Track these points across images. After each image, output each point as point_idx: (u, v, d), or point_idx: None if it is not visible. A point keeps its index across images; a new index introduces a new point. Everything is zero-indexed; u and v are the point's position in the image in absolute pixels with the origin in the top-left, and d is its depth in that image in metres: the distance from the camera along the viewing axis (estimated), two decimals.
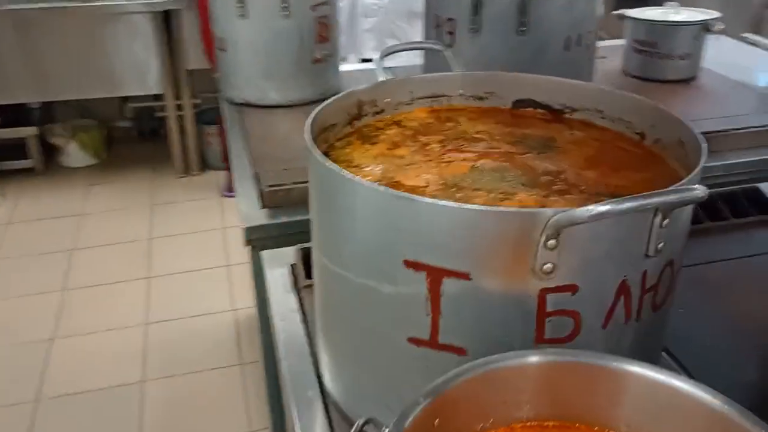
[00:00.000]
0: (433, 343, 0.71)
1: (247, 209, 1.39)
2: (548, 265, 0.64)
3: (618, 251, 0.67)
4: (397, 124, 0.98)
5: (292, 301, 1.10)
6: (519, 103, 1.02)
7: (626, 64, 2.07)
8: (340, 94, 0.92)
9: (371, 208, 0.69)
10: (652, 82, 2.02)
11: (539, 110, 1.01)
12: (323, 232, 0.80)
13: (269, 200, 1.38)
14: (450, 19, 1.67)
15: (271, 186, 1.39)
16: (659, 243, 0.67)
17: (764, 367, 0.96)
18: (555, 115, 1.00)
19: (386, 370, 0.77)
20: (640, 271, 0.69)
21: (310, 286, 1.11)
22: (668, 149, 0.87)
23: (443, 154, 0.88)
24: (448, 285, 0.67)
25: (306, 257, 1.16)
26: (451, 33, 1.68)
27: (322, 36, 1.85)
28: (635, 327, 0.73)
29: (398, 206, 0.67)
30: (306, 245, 1.19)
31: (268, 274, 1.18)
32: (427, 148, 0.91)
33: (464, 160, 0.87)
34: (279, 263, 1.21)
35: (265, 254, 1.23)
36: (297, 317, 1.06)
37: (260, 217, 1.36)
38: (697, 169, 0.70)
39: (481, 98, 1.03)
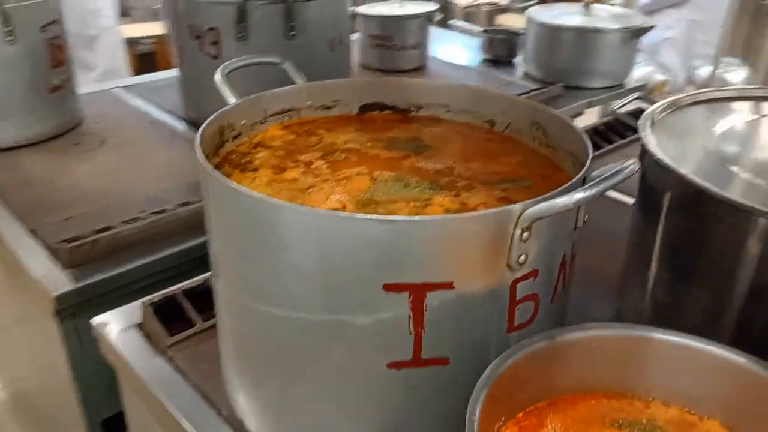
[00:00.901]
0: (415, 361, 0.69)
1: (44, 274, 1.17)
2: (522, 257, 0.67)
3: (562, 230, 0.73)
4: (262, 145, 0.92)
5: (161, 365, 0.97)
6: (366, 108, 1.03)
7: (363, 58, 2.19)
8: (210, 118, 0.82)
9: (336, 238, 0.65)
10: (390, 72, 2.18)
11: (386, 112, 1.03)
12: (255, 275, 0.72)
13: (72, 259, 1.18)
14: (212, 29, 1.59)
15: (69, 241, 1.19)
16: (585, 215, 0.75)
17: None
18: (403, 115, 1.03)
19: (359, 403, 0.73)
20: (570, 244, 0.76)
21: (178, 342, 0.99)
22: (523, 132, 0.96)
23: (335, 171, 0.85)
24: (432, 298, 0.66)
25: (158, 311, 1.03)
26: (215, 43, 1.60)
27: (57, 60, 1.61)
28: (562, 297, 0.80)
29: (374, 231, 0.63)
30: (151, 298, 1.05)
31: (114, 343, 1.01)
32: (314, 167, 0.87)
33: (359, 174, 0.85)
34: (119, 326, 1.04)
35: (97, 320, 1.06)
36: (181, 381, 0.93)
37: (66, 280, 1.16)
38: (590, 151, 0.78)
39: (328, 107, 1.02)
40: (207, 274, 1.06)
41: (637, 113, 1.55)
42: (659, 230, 0.91)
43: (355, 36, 2.17)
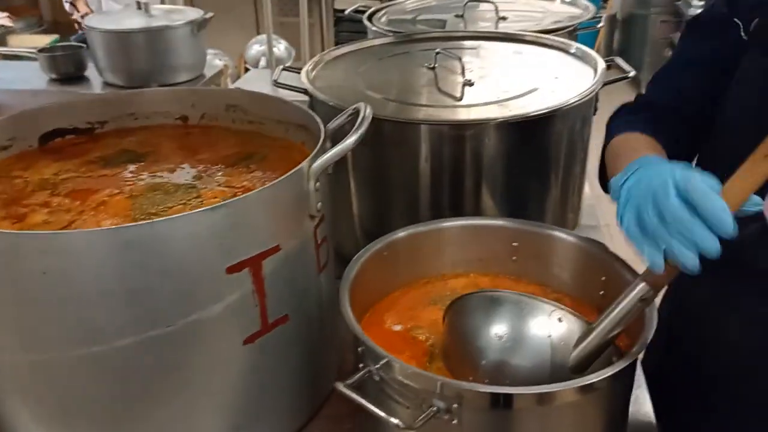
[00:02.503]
0: (264, 328, 0.75)
1: None
2: (319, 204, 0.78)
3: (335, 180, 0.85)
4: None
5: None
6: (47, 137, 0.96)
7: None
8: None
9: (170, 243, 0.65)
10: None
11: (69, 136, 0.98)
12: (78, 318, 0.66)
13: None
14: None
15: None
16: None
17: None
18: (89, 134, 0.99)
19: (224, 388, 0.75)
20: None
21: None
22: (219, 117, 1.02)
23: (82, 201, 0.80)
24: (266, 266, 0.72)
25: None
26: None
27: None
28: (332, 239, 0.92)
29: (207, 221, 0.66)
30: None
31: None
32: (55, 204, 0.80)
33: (110, 196, 0.82)
34: None
35: None
36: None
37: None
38: (318, 119, 0.90)
39: (5, 147, 0.91)
40: None
41: None
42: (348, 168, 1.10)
43: None
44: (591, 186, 1.30)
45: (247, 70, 2.82)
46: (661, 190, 0.64)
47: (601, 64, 1.14)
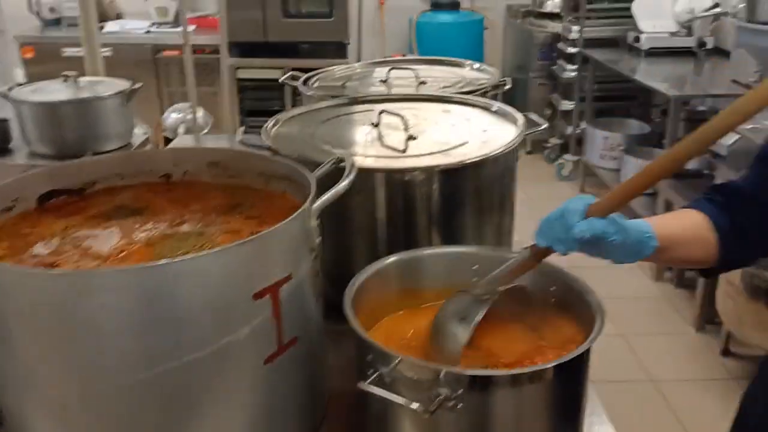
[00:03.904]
0: (280, 349, 0.86)
1: None
2: (318, 239, 0.91)
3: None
4: None
5: None
6: (44, 198, 1.03)
7: None
8: None
9: (211, 270, 0.77)
10: None
11: (62, 197, 1.06)
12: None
13: None
14: None
15: None
16: None
17: None
18: (80, 195, 1.07)
19: (244, 405, 0.85)
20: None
21: None
22: (201, 173, 1.14)
23: (104, 250, 0.89)
24: (282, 292, 0.84)
25: None
26: None
27: None
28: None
29: (240, 254, 0.78)
30: None
31: None
32: (81, 254, 0.88)
33: (129, 244, 0.91)
34: None
35: None
36: None
37: None
38: (309, 173, 1.05)
39: (9, 209, 0.99)
40: None
41: None
42: None
43: None
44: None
45: (166, 138, 2.90)
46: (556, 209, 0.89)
47: (521, 119, 1.36)
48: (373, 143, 1.34)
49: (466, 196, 1.26)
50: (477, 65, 1.93)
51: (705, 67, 3.79)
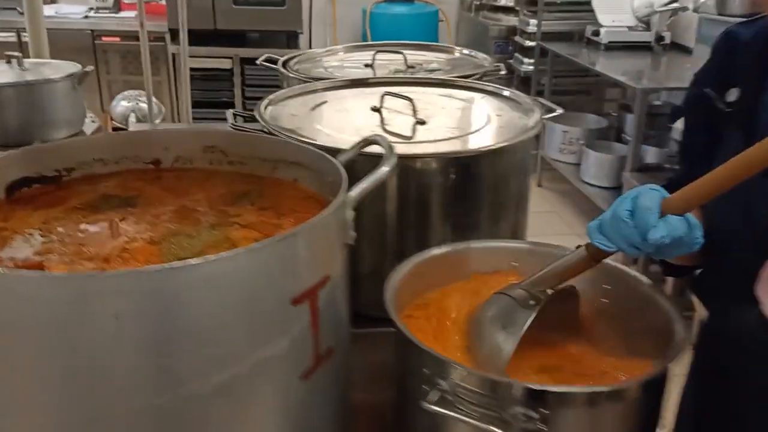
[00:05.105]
0: (316, 362, 0.73)
1: None
2: (353, 232, 0.78)
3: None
4: None
5: None
6: (14, 187, 0.87)
7: None
8: None
9: (231, 278, 0.63)
10: None
11: (35, 186, 0.89)
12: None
13: None
14: None
15: None
16: None
17: None
18: (56, 183, 0.91)
19: (282, 422, 0.72)
20: None
21: None
22: (195, 159, 0.99)
23: (103, 248, 0.74)
24: (321, 294, 0.71)
25: None
26: None
27: None
28: None
29: (283, 246, 0.65)
30: None
31: None
32: (72, 253, 0.73)
33: (131, 240, 0.76)
34: None
35: None
36: None
37: None
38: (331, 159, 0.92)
39: None
40: None
41: None
42: None
43: None
44: None
45: (116, 127, 2.68)
46: (620, 200, 0.77)
47: (536, 105, 1.26)
48: (375, 129, 1.21)
49: (483, 186, 1.15)
50: (466, 51, 1.83)
51: (662, 62, 3.81)
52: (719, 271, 0.94)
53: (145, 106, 2.66)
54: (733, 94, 0.91)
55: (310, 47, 4.53)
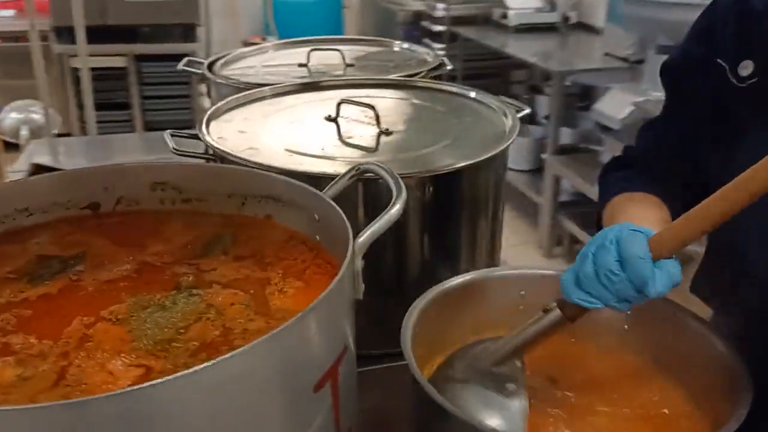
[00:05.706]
0: None
1: None
2: (362, 286, 0.66)
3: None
4: None
5: None
6: None
7: None
8: None
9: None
10: None
11: None
12: None
13: None
14: None
15: None
16: None
17: None
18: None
19: None
20: None
21: None
22: (142, 200, 0.82)
23: (53, 339, 0.58)
24: (341, 370, 0.59)
25: None
26: None
27: None
28: None
29: (303, 326, 0.52)
30: None
31: None
32: (18, 347, 0.56)
33: (87, 325, 0.60)
34: None
35: None
36: None
37: None
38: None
39: None
40: None
41: None
42: None
43: None
44: None
45: (5, 142, 2.37)
46: (597, 248, 0.66)
47: (505, 105, 1.16)
48: (332, 141, 1.08)
49: (460, 202, 1.04)
50: (406, 45, 1.72)
51: (570, 42, 3.85)
52: (723, 270, 0.89)
53: (37, 117, 2.40)
54: (747, 68, 0.80)
55: (209, 42, 4.27)
